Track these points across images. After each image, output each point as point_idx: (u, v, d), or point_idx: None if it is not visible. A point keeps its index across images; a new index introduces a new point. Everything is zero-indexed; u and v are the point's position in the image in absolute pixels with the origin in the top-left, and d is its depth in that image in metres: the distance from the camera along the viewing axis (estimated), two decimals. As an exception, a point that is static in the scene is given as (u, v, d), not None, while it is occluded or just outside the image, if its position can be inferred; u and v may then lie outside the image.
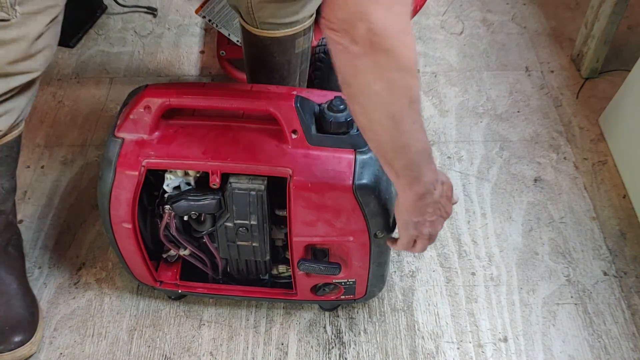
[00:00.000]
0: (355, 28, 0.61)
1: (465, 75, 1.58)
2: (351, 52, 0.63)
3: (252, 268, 1.05)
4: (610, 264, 1.19)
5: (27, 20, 0.82)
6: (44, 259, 1.22)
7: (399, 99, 0.67)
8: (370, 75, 0.65)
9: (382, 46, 0.62)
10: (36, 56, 0.87)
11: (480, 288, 1.16)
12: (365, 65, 0.64)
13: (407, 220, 0.84)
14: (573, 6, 1.78)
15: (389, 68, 0.64)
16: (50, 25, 0.86)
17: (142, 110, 0.87)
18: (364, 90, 0.66)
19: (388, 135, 0.71)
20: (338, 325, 1.12)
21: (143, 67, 1.63)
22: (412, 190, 0.78)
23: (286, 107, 0.85)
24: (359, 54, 0.63)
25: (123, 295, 1.16)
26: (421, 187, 0.78)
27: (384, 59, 0.63)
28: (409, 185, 0.77)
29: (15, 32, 0.82)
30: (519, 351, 1.08)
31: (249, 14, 1.05)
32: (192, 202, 0.91)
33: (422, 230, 0.86)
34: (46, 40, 0.87)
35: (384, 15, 0.61)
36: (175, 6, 1.80)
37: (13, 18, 0.80)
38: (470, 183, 1.34)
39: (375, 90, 0.66)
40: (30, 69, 0.88)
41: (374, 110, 0.68)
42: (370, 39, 0.62)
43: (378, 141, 0.73)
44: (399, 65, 0.64)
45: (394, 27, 0.62)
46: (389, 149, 0.73)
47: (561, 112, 1.48)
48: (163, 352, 1.09)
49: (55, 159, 1.40)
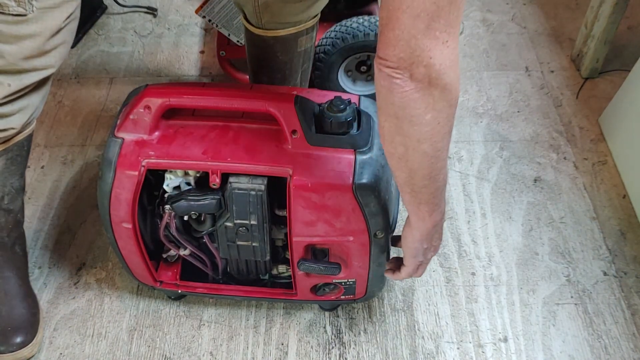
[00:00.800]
0: (414, 66, 0.62)
1: (465, 75, 1.58)
2: (408, 88, 0.64)
3: (252, 268, 1.05)
4: (610, 264, 1.19)
5: (43, 15, 0.81)
6: (44, 259, 1.22)
7: (444, 128, 0.68)
8: (423, 107, 0.65)
9: (439, 82, 0.63)
10: (51, 52, 0.86)
11: (480, 288, 1.16)
12: (419, 99, 0.65)
13: (418, 248, 0.86)
14: (573, 6, 1.78)
15: (441, 100, 0.65)
16: (67, 21, 0.85)
17: (142, 110, 0.87)
18: (415, 120, 0.67)
19: (427, 164, 0.72)
20: (338, 325, 1.12)
21: (143, 67, 1.63)
22: (432, 218, 0.80)
23: (286, 107, 0.85)
24: (416, 89, 0.64)
25: (123, 295, 1.16)
26: (439, 214, 0.81)
27: (439, 93, 0.64)
28: (430, 213, 0.79)
29: (32, 28, 0.81)
30: (519, 351, 1.08)
31: (255, 13, 1.05)
32: (192, 202, 0.91)
33: (427, 256, 0.89)
34: (63, 37, 0.87)
35: (441, 51, 0.62)
36: (175, 6, 1.80)
37: (30, 13, 0.79)
38: (470, 183, 1.34)
39: (426, 121, 0.67)
40: (45, 66, 0.87)
41: (418, 141, 0.69)
42: (429, 75, 0.63)
43: (412, 170, 0.73)
44: (450, 98, 0.66)
45: (449, 62, 0.63)
46: (421, 177, 0.74)
47: (561, 112, 1.48)
48: (163, 352, 1.09)
49: (55, 159, 1.40)
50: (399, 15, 0.60)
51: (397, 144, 0.71)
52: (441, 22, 0.60)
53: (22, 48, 0.83)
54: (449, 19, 0.60)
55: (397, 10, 0.60)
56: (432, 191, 0.76)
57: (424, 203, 0.78)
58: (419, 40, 0.61)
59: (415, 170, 0.73)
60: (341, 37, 1.31)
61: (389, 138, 0.71)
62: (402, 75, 0.63)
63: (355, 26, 1.30)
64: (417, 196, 0.77)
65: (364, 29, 1.30)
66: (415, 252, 0.87)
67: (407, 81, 0.63)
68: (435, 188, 0.76)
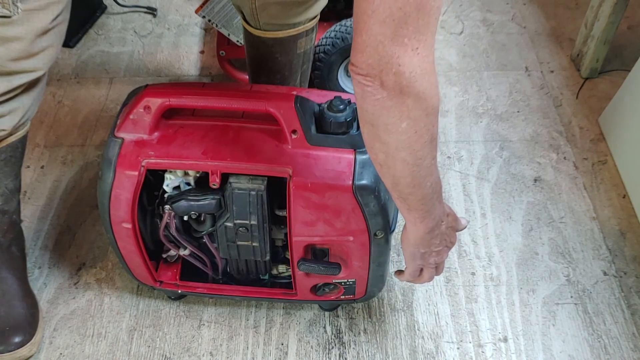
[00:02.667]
0: (384, 73, 0.61)
1: (465, 75, 1.58)
2: (380, 95, 0.63)
3: (252, 268, 1.05)
4: (610, 263, 1.19)
5: (29, 17, 0.81)
6: (44, 259, 1.22)
7: (422, 137, 0.67)
8: (397, 115, 0.64)
9: (410, 90, 0.62)
10: (39, 55, 0.86)
11: (480, 288, 1.16)
12: (392, 107, 0.64)
13: (414, 252, 0.86)
14: (573, 6, 1.78)
15: (415, 109, 0.64)
16: (54, 23, 0.85)
17: (142, 110, 0.87)
18: (390, 128, 0.66)
19: (408, 172, 0.71)
20: (338, 325, 1.12)
21: (143, 67, 1.63)
22: (423, 224, 0.79)
23: (286, 107, 0.85)
24: (388, 97, 0.63)
25: (123, 295, 1.16)
26: (432, 220, 0.80)
27: (412, 102, 0.63)
28: (421, 219, 0.79)
29: (18, 29, 0.81)
30: (518, 351, 1.08)
31: (252, 15, 1.05)
32: (192, 202, 0.91)
33: (428, 260, 0.88)
34: (50, 39, 0.86)
35: (411, 59, 0.60)
36: (175, 6, 1.80)
37: (15, 15, 0.79)
38: (470, 183, 1.34)
39: (402, 129, 0.66)
40: (33, 68, 0.87)
41: (396, 149, 0.68)
42: (399, 83, 0.61)
43: (395, 177, 0.73)
44: (425, 106, 0.64)
45: (421, 70, 0.62)
46: (406, 184, 0.73)
47: (561, 112, 1.48)
48: (163, 352, 1.09)
49: (55, 159, 1.40)
50: (365, 19, 0.59)
51: (377, 151, 0.70)
52: (409, 28, 0.59)
53: (9, 50, 0.82)
54: (417, 25, 0.59)
55: (363, 15, 0.59)
56: (419, 198, 0.75)
57: (413, 210, 0.77)
58: (386, 47, 0.59)
59: (398, 177, 0.72)
60: (341, 37, 1.31)
61: (369, 144, 0.71)
62: (373, 83, 0.62)
63: (355, 26, 1.30)
64: (405, 202, 0.76)
65: (363, 29, 1.29)
66: (412, 255, 0.87)
67: (378, 89, 0.62)
68: (422, 195, 0.75)
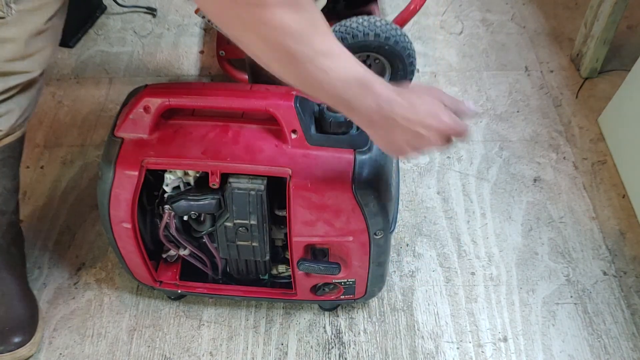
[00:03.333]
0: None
1: (464, 75, 1.58)
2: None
3: (252, 268, 1.05)
4: (610, 263, 1.19)
5: (23, 18, 0.81)
6: (43, 259, 1.22)
7: (273, 37, 0.61)
8: (238, 25, 0.61)
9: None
10: (34, 55, 0.86)
11: (480, 288, 1.16)
12: (231, 18, 0.61)
13: (392, 141, 0.72)
14: (572, 6, 1.78)
15: (241, 2, 0.59)
16: (48, 24, 0.85)
17: (141, 111, 0.87)
18: (242, 43, 0.63)
19: (293, 78, 0.65)
20: (338, 325, 1.12)
21: (142, 67, 1.63)
22: (355, 119, 0.70)
23: (286, 107, 0.85)
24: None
25: (123, 295, 1.16)
26: (362, 116, 0.68)
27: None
28: (348, 113, 0.69)
29: (11, 31, 0.81)
30: (518, 351, 1.08)
31: None
32: (192, 202, 0.91)
33: (401, 151, 0.73)
34: (45, 40, 0.87)
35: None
36: (174, 6, 1.80)
37: (8, 16, 0.79)
38: (470, 183, 1.34)
39: (250, 40, 0.62)
40: (28, 69, 0.88)
41: (260, 57, 0.64)
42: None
43: (287, 80, 0.65)
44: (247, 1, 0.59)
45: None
46: (301, 87, 0.66)
47: (561, 112, 1.48)
48: (163, 352, 1.09)
49: (54, 159, 1.40)
50: None
51: (231, 35, 0.64)
52: None
53: (3, 51, 0.83)
54: None
55: None
56: (328, 96, 0.65)
57: (334, 105, 0.67)
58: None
59: (289, 81, 0.65)
60: (341, 37, 1.31)
61: (236, 41, 0.65)
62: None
63: (355, 26, 1.30)
64: (303, 89, 0.66)
65: (363, 29, 1.30)
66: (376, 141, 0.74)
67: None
68: (330, 93, 0.65)
